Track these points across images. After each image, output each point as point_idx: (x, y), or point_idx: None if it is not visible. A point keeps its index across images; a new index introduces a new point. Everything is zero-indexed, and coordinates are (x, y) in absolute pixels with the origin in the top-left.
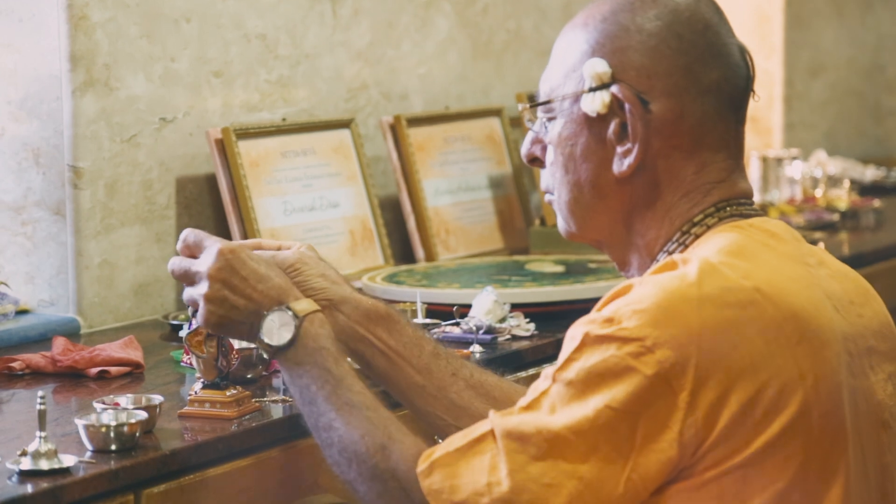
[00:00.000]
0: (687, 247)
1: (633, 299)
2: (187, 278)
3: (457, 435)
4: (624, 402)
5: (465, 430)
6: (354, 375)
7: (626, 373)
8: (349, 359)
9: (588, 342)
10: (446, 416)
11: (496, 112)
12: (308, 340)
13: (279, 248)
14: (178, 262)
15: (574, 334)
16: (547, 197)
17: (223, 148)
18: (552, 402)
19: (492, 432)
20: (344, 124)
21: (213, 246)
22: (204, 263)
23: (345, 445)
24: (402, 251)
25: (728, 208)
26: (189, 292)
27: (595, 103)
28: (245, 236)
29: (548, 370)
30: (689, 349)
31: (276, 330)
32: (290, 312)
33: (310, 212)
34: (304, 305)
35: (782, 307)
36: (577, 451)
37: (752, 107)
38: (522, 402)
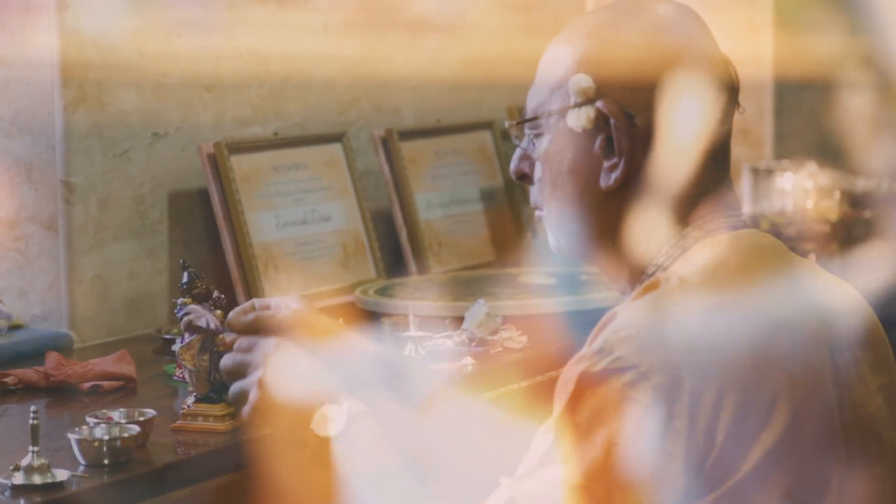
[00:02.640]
0: (676, 259)
1: (620, 326)
2: (241, 369)
3: None
4: (628, 435)
5: None
6: (394, 472)
7: (626, 404)
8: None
9: (584, 383)
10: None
11: (487, 125)
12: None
13: (268, 308)
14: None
15: (568, 378)
16: (537, 213)
17: (215, 162)
18: (562, 452)
19: (511, 500)
20: (336, 138)
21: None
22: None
23: None
24: (394, 264)
25: (716, 220)
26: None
27: (581, 119)
28: (237, 251)
29: (548, 422)
30: (682, 371)
31: (326, 422)
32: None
33: (302, 225)
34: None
35: (769, 321)
36: (595, 495)
37: (743, 118)
38: (532, 460)
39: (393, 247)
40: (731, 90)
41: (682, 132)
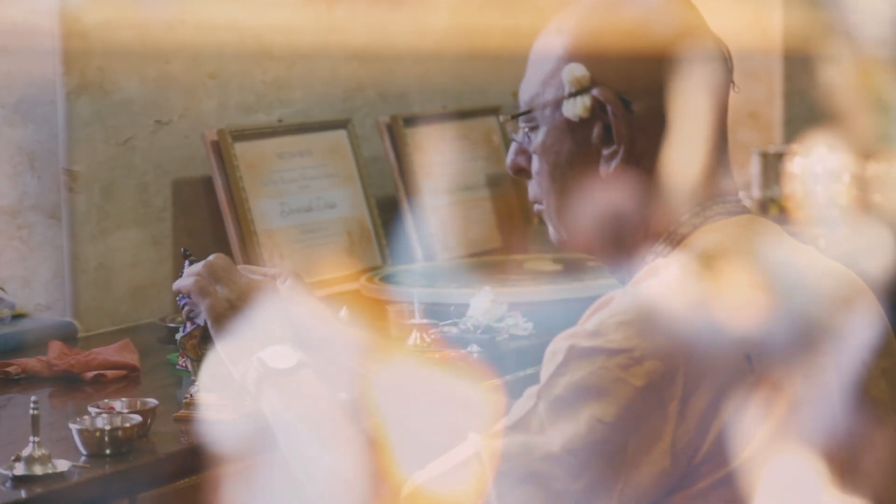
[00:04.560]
0: (674, 248)
1: (617, 310)
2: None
3: (438, 460)
4: (615, 416)
5: (446, 455)
6: (341, 408)
7: (616, 385)
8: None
9: (574, 356)
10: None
11: (493, 111)
12: (303, 374)
13: (265, 276)
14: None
15: (557, 349)
16: (536, 207)
17: (219, 150)
18: (540, 421)
19: (476, 455)
20: (341, 125)
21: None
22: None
23: (332, 476)
24: (399, 251)
25: (714, 207)
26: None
27: (577, 108)
28: (242, 238)
29: (531, 389)
30: (678, 358)
31: (277, 355)
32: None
33: (307, 213)
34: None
35: (768, 309)
36: (570, 469)
37: (753, 102)
38: (507, 422)
39: (398, 234)
40: (726, 71)
41: (677, 116)
